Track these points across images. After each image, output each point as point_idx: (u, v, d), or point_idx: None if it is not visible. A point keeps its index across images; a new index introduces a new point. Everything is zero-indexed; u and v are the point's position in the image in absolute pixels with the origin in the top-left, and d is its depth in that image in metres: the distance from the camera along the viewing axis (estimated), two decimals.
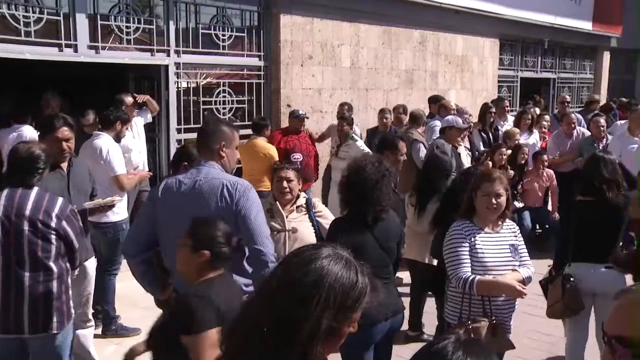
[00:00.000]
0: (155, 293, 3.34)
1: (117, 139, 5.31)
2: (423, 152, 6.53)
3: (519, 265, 3.45)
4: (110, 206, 4.34)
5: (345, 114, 7.56)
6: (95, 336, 4.69)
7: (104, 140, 5.06)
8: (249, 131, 7.87)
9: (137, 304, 5.20)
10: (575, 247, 4.05)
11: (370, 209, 3.32)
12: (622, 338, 1.27)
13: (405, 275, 5.50)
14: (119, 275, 5.13)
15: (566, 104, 10.03)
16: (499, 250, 3.41)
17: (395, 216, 3.62)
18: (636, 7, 17.60)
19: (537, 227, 8.05)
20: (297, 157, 6.96)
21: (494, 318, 3.32)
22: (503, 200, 3.39)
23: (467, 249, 3.36)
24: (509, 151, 7.20)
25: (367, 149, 6.87)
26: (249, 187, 3.06)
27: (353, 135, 7.06)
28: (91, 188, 4.38)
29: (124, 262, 4.95)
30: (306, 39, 8.19)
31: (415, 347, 1.58)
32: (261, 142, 6.73)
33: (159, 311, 3.59)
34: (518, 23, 12.04)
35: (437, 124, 7.40)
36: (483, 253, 3.36)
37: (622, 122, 8.96)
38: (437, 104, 8.25)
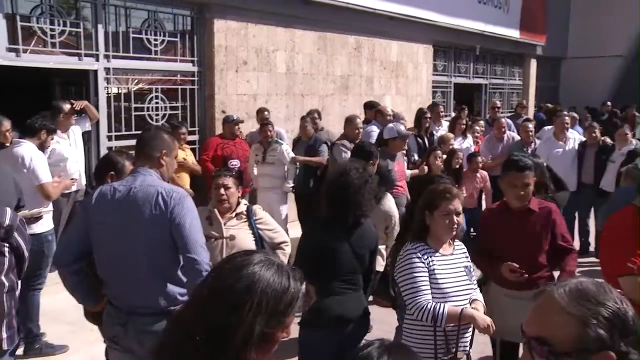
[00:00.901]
0: (88, 304, 3.24)
1: (41, 148, 5.06)
2: (345, 154, 6.48)
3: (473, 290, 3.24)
4: (37, 218, 4.13)
5: (266, 118, 7.52)
6: (17, 357, 4.42)
7: (26, 148, 4.81)
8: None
9: (62, 319, 4.95)
10: None
11: (351, 213, 3.35)
12: (540, 338, 1.31)
13: None
14: (42, 290, 4.87)
15: (497, 109, 10.32)
16: (456, 274, 3.15)
17: (372, 225, 3.60)
18: (558, 18, 18.41)
19: (472, 229, 8.20)
20: (235, 163, 6.87)
21: (468, 351, 3.11)
22: (462, 218, 3.22)
23: (426, 273, 3.04)
24: (444, 156, 7.30)
25: (292, 153, 6.94)
26: (184, 196, 3.01)
27: (277, 139, 7.03)
28: (17, 199, 4.13)
29: (50, 275, 4.73)
30: (241, 44, 8.09)
31: None
32: None
33: (86, 325, 3.43)
34: (450, 30, 12.34)
35: (374, 129, 7.44)
36: (443, 278, 3.07)
37: (549, 127, 9.33)
38: (373, 110, 8.30)
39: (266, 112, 7.80)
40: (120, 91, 7.29)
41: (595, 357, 1.26)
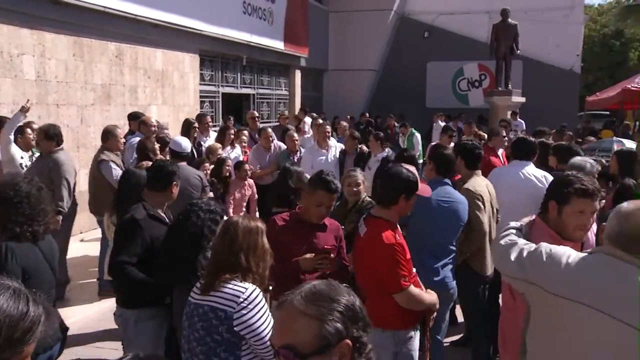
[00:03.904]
0: None
1: None
2: (115, 170, 6.17)
3: None
4: None
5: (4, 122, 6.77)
6: None
7: None
8: None
9: None
10: None
11: (41, 224, 3.04)
12: (287, 346, 1.40)
13: None
14: None
15: (255, 119, 10.53)
16: None
17: (50, 235, 3.25)
18: (319, 31, 19.61)
19: None
20: None
21: None
22: None
23: None
24: (212, 165, 7.21)
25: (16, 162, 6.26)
26: None
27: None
28: None
29: None
30: None
31: None
32: None
33: None
34: (217, 39, 12.35)
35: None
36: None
37: (309, 135, 9.84)
38: (137, 121, 7.90)
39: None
40: None
41: (336, 348, 1.41)
